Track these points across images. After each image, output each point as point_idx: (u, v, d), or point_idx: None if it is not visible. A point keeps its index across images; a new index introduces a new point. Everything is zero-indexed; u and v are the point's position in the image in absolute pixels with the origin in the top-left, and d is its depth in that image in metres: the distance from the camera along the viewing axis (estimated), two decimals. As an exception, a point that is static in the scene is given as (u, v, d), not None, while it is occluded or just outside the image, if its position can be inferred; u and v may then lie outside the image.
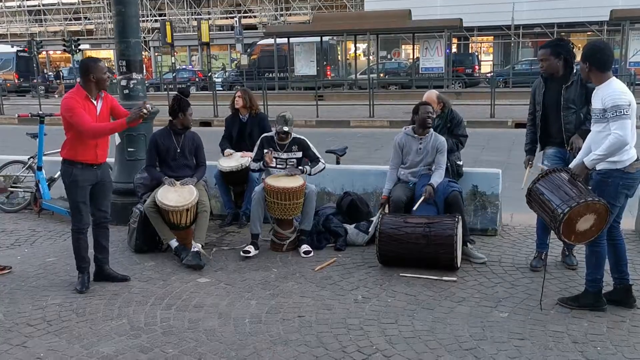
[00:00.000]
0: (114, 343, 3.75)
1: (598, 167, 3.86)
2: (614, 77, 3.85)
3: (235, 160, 6.15)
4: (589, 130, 4.03)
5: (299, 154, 5.60)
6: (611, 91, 3.76)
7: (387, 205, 5.32)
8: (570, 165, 4.03)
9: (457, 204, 5.10)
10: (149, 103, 4.54)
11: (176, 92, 5.40)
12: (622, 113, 3.69)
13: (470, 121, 14.26)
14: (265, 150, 5.55)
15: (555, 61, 4.57)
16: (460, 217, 4.90)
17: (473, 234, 5.60)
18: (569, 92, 4.59)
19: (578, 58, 4.29)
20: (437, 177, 5.16)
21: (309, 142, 5.67)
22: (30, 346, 3.74)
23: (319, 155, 5.65)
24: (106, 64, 4.78)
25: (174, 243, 5.26)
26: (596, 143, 3.83)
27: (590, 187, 3.91)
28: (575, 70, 4.66)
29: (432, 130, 5.34)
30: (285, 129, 5.44)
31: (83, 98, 4.45)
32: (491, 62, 36.10)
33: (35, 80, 30.79)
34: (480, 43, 37.83)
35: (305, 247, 5.34)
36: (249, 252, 5.26)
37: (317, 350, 3.59)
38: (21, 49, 35.60)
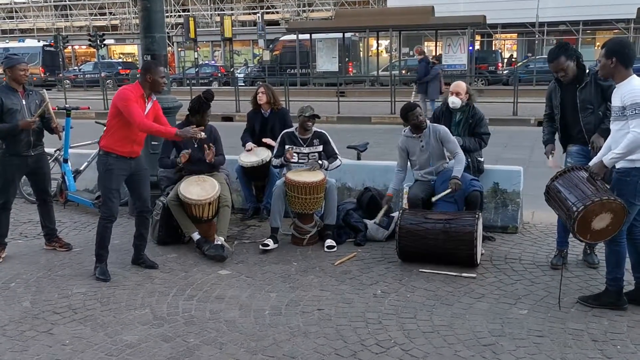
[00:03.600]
0: (137, 332, 3.83)
1: (617, 166, 3.83)
2: (635, 75, 3.81)
3: (256, 155, 6.21)
4: (609, 129, 3.99)
5: (320, 148, 5.65)
6: (631, 88, 3.72)
7: (389, 202, 5.40)
8: (590, 164, 4.00)
9: (476, 204, 5.09)
10: (202, 133, 4.88)
11: (201, 93, 5.49)
12: None
13: (492, 119, 14.16)
14: (287, 147, 5.60)
15: (571, 64, 4.50)
16: (480, 213, 4.90)
17: (493, 231, 5.60)
18: (584, 93, 4.54)
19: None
20: (459, 166, 5.12)
21: (329, 137, 5.71)
22: (56, 333, 3.84)
23: (337, 152, 5.69)
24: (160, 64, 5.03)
25: (196, 236, 5.34)
26: (616, 141, 3.80)
27: (609, 186, 3.87)
28: (588, 70, 4.61)
29: (428, 124, 5.33)
30: (308, 114, 5.50)
31: (139, 95, 4.68)
32: (513, 59, 35.67)
33: (60, 75, 31.25)
34: (504, 40, 37.45)
35: (329, 242, 5.37)
36: (267, 245, 5.32)
37: (336, 343, 3.63)
38: (47, 43, 36.14)
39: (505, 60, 33.04)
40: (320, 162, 5.57)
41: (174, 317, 4.05)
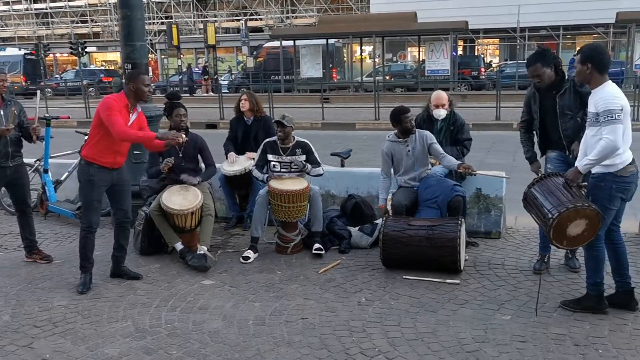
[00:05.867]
0: (119, 345, 3.79)
1: (592, 171, 3.87)
2: (610, 81, 3.85)
3: (239, 164, 6.18)
4: None
5: (302, 157, 5.63)
6: (605, 94, 3.77)
7: (386, 214, 5.32)
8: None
9: (459, 209, 5.11)
10: (182, 135, 4.77)
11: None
12: (614, 118, 3.69)
13: (475, 124, 14.29)
14: (274, 164, 5.57)
15: (548, 71, 4.53)
16: (463, 219, 4.92)
17: (476, 236, 5.63)
18: (563, 99, 4.58)
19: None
20: (448, 162, 5.21)
21: (312, 147, 5.70)
22: (36, 347, 3.79)
23: (320, 162, 5.69)
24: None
25: (179, 246, 5.30)
26: (590, 147, 3.84)
27: (585, 191, 3.91)
28: (567, 77, 4.66)
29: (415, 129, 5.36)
30: (282, 120, 5.48)
31: (123, 105, 4.63)
32: (494, 64, 36.01)
33: (42, 83, 30.96)
34: (486, 45, 37.78)
35: (317, 245, 5.36)
36: (248, 257, 5.29)
37: (320, 352, 3.62)
38: (28, 52, 35.82)
39: (491, 64, 33.40)
40: (303, 162, 5.55)
41: (157, 329, 4.01)
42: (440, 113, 5.65)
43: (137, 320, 4.14)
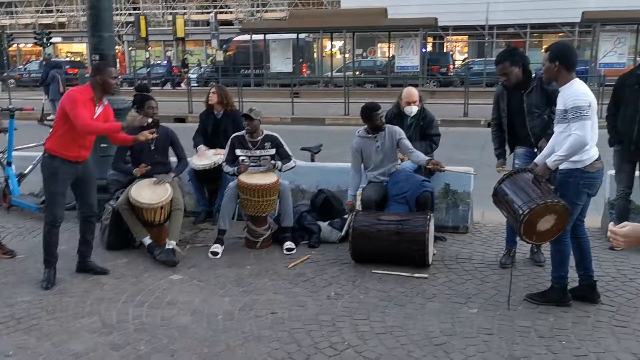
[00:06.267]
0: (85, 341, 3.73)
1: (560, 167, 3.95)
2: (577, 79, 3.94)
3: (208, 158, 6.12)
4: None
5: (272, 151, 5.61)
6: (572, 91, 3.85)
7: (353, 211, 5.31)
8: (532, 163, 4.12)
9: (427, 204, 5.17)
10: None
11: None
12: (582, 114, 3.77)
13: (444, 120, 14.40)
14: (242, 158, 5.53)
15: (515, 70, 4.62)
16: (431, 214, 4.98)
17: (444, 231, 5.69)
18: (530, 97, 4.67)
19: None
20: (417, 157, 5.26)
21: (281, 140, 5.68)
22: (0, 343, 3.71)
23: (290, 154, 5.68)
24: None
25: (147, 240, 5.24)
26: (559, 143, 3.92)
27: (553, 187, 3.99)
28: (534, 75, 4.75)
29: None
30: (250, 113, 5.46)
31: (88, 98, 4.53)
32: (461, 61, 36.44)
33: (5, 74, 30.16)
34: (455, 42, 38.16)
35: (288, 244, 5.34)
36: (217, 253, 5.26)
37: (290, 346, 3.62)
38: (-9, 41, 34.90)
39: (455, 62, 33.74)
40: (273, 162, 5.54)
41: (124, 324, 3.96)
42: (412, 110, 5.70)
43: (104, 316, 4.08)
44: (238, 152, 5.59)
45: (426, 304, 4.20)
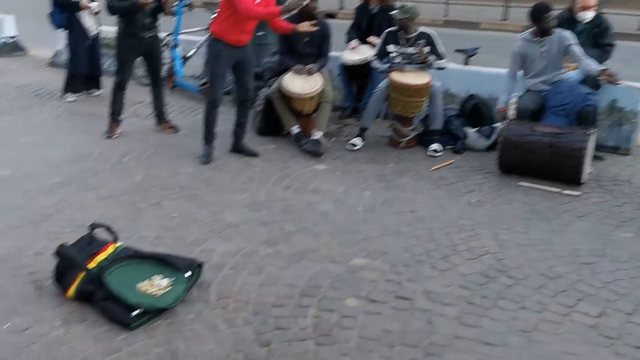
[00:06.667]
0: (237, 213, 4.04)
1: None
2: None
3: (360, 54, 6.06)
4: None
5: (427, 49, 5.39)
6: None
7: (504, 119, 5.06)
8: None
9: (589, 120, 4.78)
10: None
11: None
12: None
13: (615, 32, 12.97)
14: (394, 54, 5.40)
15: None
16: (594, 130, 4.62)
17: (603, 150, 5.29)
18: None
19: None
20: (588, 66, 4.74)
21: (436, 38, 5.43)
22: (165, 206, 4.14)
23: (444, 54, 5.43)
24: None
25: (295, 129, 5.42)
26: None
27: None
28: None
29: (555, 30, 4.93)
30: (398, 12, 5.29)
31: None
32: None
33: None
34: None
35: (435, 146, 5.29)
36: (355, 144, 5.32)
37: (428, 244, 3.66)
38: None
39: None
40: (427, 50, 5.34)
41: (272, 203, 4.22)
42: (587, 15, 5.17)
43: (255, 194, 4.37)
44: (390, 47, 5.46)
45: (574, 221, 4.01)
